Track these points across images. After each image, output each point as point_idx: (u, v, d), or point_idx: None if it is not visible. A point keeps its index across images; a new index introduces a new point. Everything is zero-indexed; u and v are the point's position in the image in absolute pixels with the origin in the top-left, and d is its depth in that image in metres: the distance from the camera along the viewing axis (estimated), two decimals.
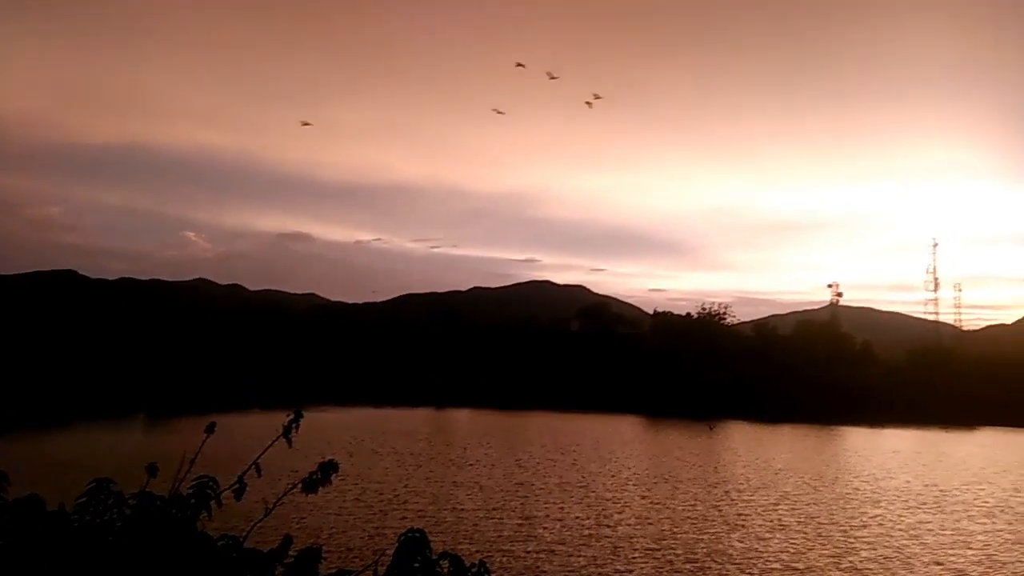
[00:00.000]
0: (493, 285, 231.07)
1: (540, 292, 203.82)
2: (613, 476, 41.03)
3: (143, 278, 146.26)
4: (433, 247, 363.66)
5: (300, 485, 4.40)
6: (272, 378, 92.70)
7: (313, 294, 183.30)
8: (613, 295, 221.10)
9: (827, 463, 50.29)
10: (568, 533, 27.33)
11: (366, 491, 34.44)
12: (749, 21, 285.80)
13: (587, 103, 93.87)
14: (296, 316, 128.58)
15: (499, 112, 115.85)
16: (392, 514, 29.50)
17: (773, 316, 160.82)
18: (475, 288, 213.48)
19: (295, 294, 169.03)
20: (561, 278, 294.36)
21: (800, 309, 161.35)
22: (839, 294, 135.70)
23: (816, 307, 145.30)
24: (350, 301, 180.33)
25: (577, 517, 30.05)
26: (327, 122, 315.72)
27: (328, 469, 4.41)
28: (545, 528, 28.04)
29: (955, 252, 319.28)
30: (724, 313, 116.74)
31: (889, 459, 52.95)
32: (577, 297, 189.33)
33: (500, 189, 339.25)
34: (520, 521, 29.03)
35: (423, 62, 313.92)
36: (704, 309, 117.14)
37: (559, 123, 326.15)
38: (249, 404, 73.55)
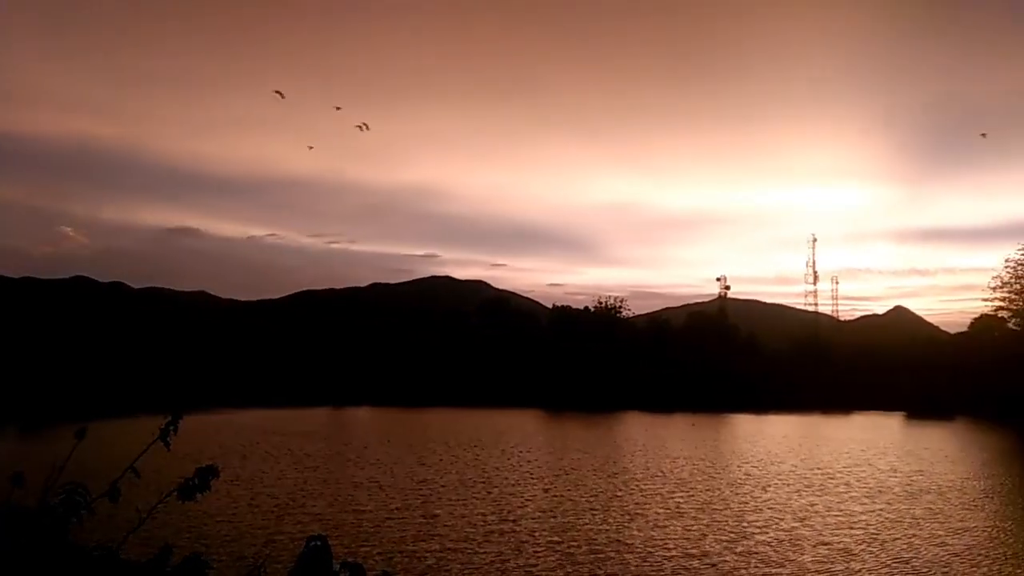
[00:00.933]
0: (393, 281, 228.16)
1: (441, 287, 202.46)
2: (515, 470, 41.12)
3: (14, 276, 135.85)
4: (331, 243, 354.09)
5: (176, 493, 4.02)
6: (158, 380, 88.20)
7: (203, 292, 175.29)
8: (513, 290, 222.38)
9: (719, 450, 52.27)
10: (471, 530, 27.09)
11: (259, 495, 33.13)
12: (646, 24, 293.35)
13: (359, 127, 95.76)
14: (184, 315, 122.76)
15: (279, 94, 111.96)
16: (288, 519, 28.42)
17: (667, 309, 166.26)
18: (375, 284, 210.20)
19: (183, 292, 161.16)
20: (462, 273, 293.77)
21: (692, 302, 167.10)
22: (727, 287, 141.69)
23: (706, 300, 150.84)
24: (243, 299, 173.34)
25: (480, 513, 29.87)
26: (216, 112, 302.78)
27: (207, 474, 4.06)
28: (448, 526, 27.69)
29: (832, 247, 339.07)
30: (620, 307, 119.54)
31: (776, 444, 55.54)
32: (478, 292, 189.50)
33: (399, 183, 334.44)
34: (423, 520, 28.57)
35: (315, 52, 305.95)
36: (601, 303, 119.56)
37: (458, 117, 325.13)
38: (133, 409, 69.66)
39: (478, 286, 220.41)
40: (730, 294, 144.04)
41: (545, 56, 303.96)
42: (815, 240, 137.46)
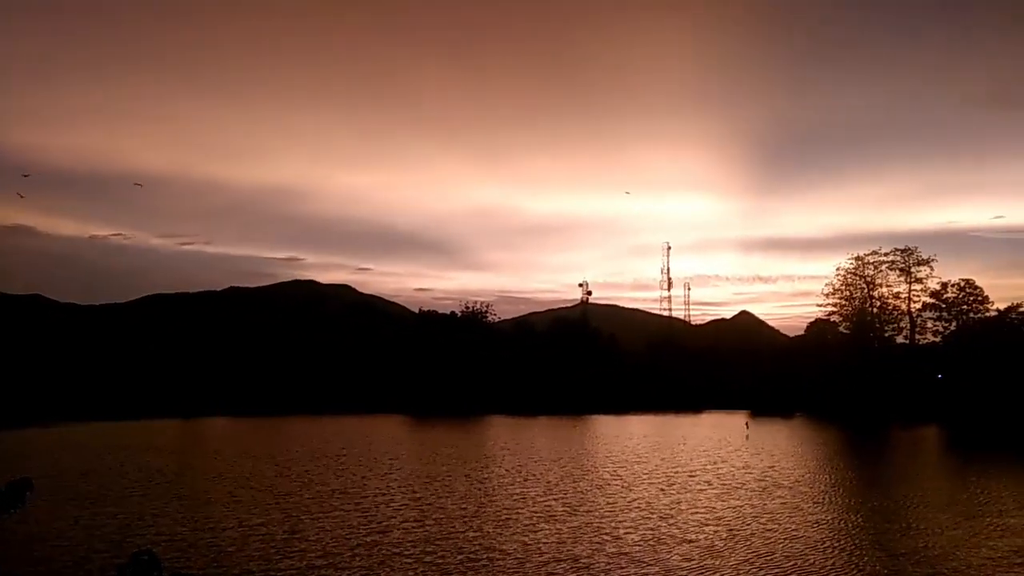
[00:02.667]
0: (252, 285, 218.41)
1: (304, 292, 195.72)
2: (382, 479, 39.94)
3: None
4: (183, 244, 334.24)
5: None
6: None
7: (38, 296, 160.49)
8: (379, 294, 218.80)
9: (584, 451, 53.15)
10: (337, 544, 25.85)
11: (99, 515, 30.32)
12: (515, 33, 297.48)
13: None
14: (16, 321, 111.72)
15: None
16: (135, 539, 26.00)
17: (532, 314, 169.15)
18: (232, 288, 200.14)
19: (14, 296, 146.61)
20: (326, 277, 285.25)
21: (556, 307, 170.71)
22: (589, 293, 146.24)
23: (570, 305, 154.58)
24: (84, 303, 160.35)
25: (347, 526, 28.61)
26: (54, 102, 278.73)
27: (18, 488, 3.30)
28: (313, 541, 26.30)
29: (685, 255, 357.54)
30: (486, 311, 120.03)
31: (638, 444, 57.22)
32: (342, 296, 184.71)
33: (259, 183, 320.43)
34: (286, 536, 27.00)
35: (174, 40, 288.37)
36: (467, 308, 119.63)
37: (324, 117, 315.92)
38: None
39: (343, 290, 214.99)
40: (591, 299, 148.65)
41: (414, 60, 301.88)
42: (669, 248, 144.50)
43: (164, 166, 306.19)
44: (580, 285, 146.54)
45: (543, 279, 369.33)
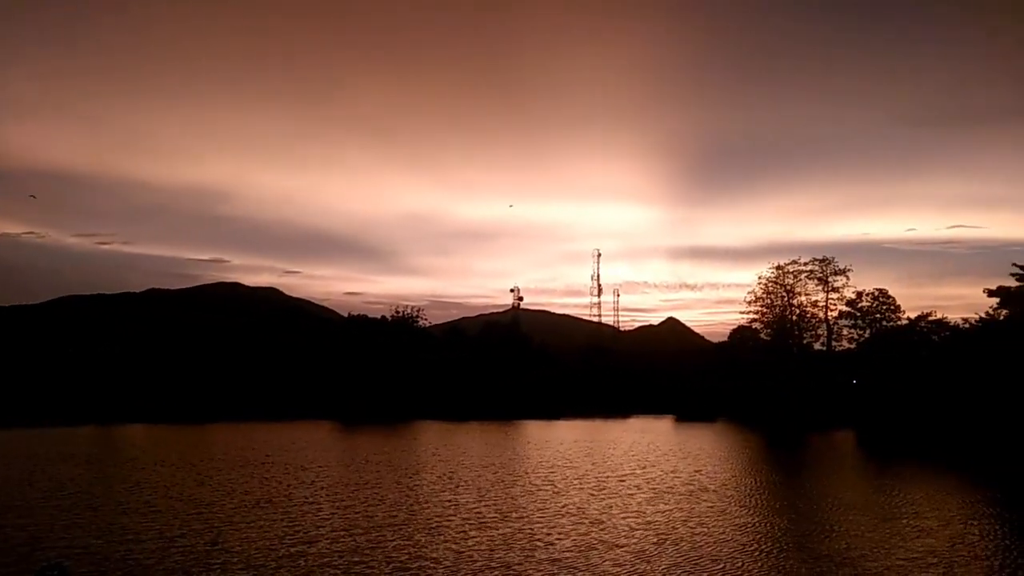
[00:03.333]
0: (174, 287, 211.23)
1: (228, 294, 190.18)
2: (309, 487, 38.94)
3: None
4: (101, 243, 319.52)
5: None
6: None
7: None
8: (308, 298, 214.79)
9: (515, 457, 53.06)
10: (261, 555, 25.00)
11: (4, 527, 28.61)
12: (450, 37, 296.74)
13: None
14: None
15: None
16: (43, 552, 24.57)
17: (463, 319, 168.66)
18: (152, 289, 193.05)
19: None
20: (252, 280, 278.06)
21: (487, 312, 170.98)
22: (520, 298, 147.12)
23: (501, 310, 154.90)
24: None
25: (272, 536, 27.72)
26: None
27: None
28: (235, 552, 25.37)
29: (615, 262, 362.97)
30: (417, 316, 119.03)
31: (569, 449, 57.51)
32: (269, 300, 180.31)
33: (183, 182, 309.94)
34: (206, 547, 25.97)
35: (92, 37, 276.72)
36: (398, 312, 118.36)
37: (252, 115, 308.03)
38: None
39: (269, 294, 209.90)
40: (523, 305, 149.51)
41: (347, 62, 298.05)
42: (599, 255, 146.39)
43: (82, 163, 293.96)
44: (512, 291, 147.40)
45: (475, 284, 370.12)
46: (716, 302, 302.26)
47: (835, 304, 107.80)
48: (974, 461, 54.72)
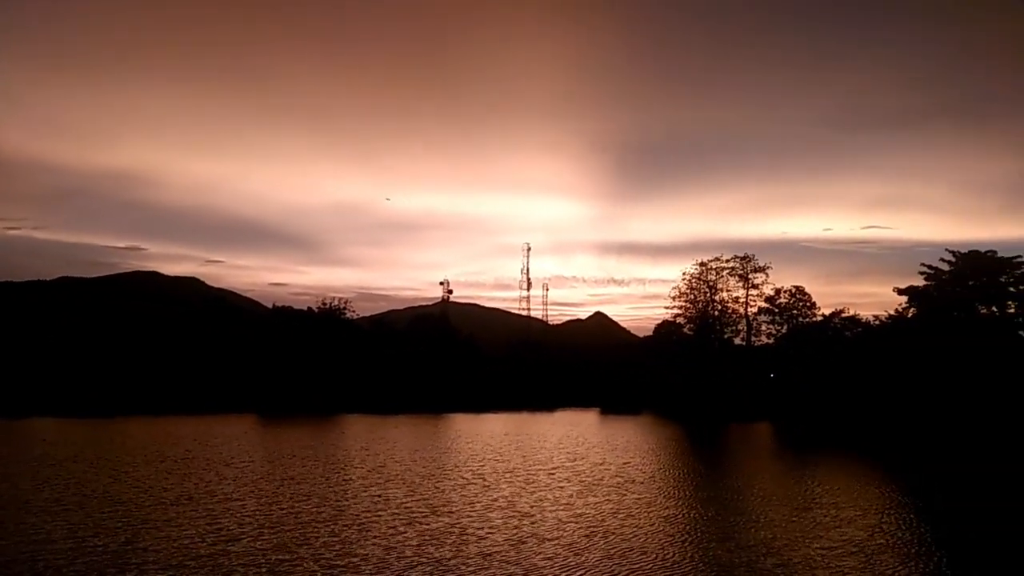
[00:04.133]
0: (88, 275, 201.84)
1: (146, 284, 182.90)
2: (232, 482, 37.70)
3: None
4: (9, 228, 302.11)
5: None
6: None
7: None
8: (231, 288, 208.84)
9: (446, 450, 52.70)
10: (180, 555, 23.99)
11: None
12: (385, 27, 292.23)
13: None
14: None
15: None
16: None
17: (392, 311, 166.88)
18: (64, 278, 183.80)
19: None
20: (171, 269, 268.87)
21: (416, 305, 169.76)
22: (450, 291, 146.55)
23: (430, 303, 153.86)
24: None
25: (193, 535, 26.68)
26: None
27: None
28: (152, 552, 24.26)
29: (545, 256, 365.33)
30: (345, 308, 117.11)
31: (498, 443, 57.46)
32: (190, 290, 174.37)
33: (98, 166, 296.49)
34: (120, 548, 24.76)
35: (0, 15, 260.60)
36: (325, 304, 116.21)
37: (173, 97, 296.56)
38: None
39: (191, 283, 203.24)
40: (452, 298, 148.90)
41: (281, 47, 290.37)
42: (529, 249, 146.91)
43: None
44: (441, 283, 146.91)
45: (404, 276, 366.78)
46: (643, 297, 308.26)
47: (755, 300, 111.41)
48: (885, 452, 57.23)
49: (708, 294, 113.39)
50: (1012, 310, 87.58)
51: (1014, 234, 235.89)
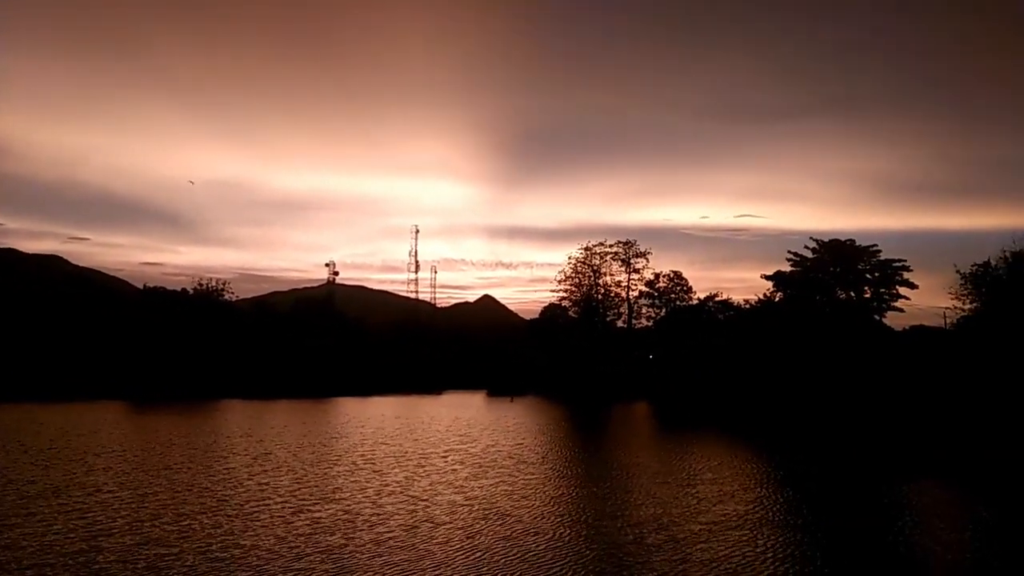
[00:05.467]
0: None
1: (3, 262, 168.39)
2: (103, 473, 35.40)
3: None
4: None
5: None
6: None
7: None
8: (98, 267, 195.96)
9: (334, 435, 51.54)
10: (44, 553, 22.21)
11: None
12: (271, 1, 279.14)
13: None
14: None
15: None
16: None
17: (275, 293, 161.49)
18: None
19: None
20: (31, 247, 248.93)
21: (301, 287, 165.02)
22: (336, 273, 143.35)
23: (315, 285, 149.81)
24: None
25: (60, 530, 24.82)
26: None
27: None
28: (12, 550, 22.40)
29: (433, 239, 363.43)
30: (223, 289, 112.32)
31: (389, 426, 56.75)
32: (52, 268, 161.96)
33: None
34: None
35: None
36: (201, 285, 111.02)
37: (33, 63, 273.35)
38: None
39: (52, 261, 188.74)
40: (339, 280, 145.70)
41: (152, 12, 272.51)
42: (418, 231, 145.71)
43: None
44: (327, 265, 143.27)
45: (288, 257, 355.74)
46: (530, 280, 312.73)
47: (636, 284, 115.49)
48: (756, 428, 60.63)
49: (592, 278, 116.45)
50: (867, 295, 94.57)
51: (872, 224, 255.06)
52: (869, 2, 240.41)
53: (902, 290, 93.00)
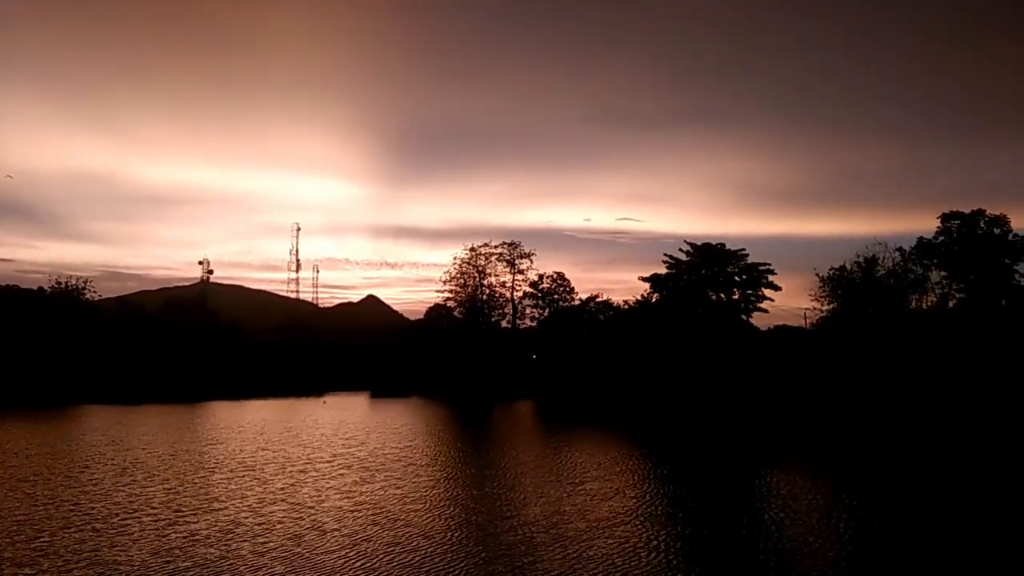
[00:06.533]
0: None
1: None
2: None
3: None
4: None
5: None
6: None
7: None
8: None
9: (210, 441, 49.11)
10: None
11: None
12: None
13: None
14: None
15: None
16: None
17: (142, 292, 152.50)
18: None
19: None
20: None
21: (171, 285, 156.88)
22: (210, 271, 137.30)
23: (188, 284, 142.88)
24: None
25: None
26: None
27: None
28: None
29: (316, 237, 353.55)
30: (85, 288, 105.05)
31: (270, 430, 54.46)
32: None
33: None
34: None
35: None
36: (59, 283, 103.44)
37: None
38: None
39: None
40: (214, 278, 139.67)
41: None
42: (299, 229, 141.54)
43: None
44: (200, 263, 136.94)
45: (157, 254, 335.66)
46: (416, 281, 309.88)
47: (520, 285, 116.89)
48: (637, 425, 62.65)
49: (477, 278, 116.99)
50: (736, 296, 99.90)
51: (741, 229, 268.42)
52: (742, 21, 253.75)
53: (767, 292, 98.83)
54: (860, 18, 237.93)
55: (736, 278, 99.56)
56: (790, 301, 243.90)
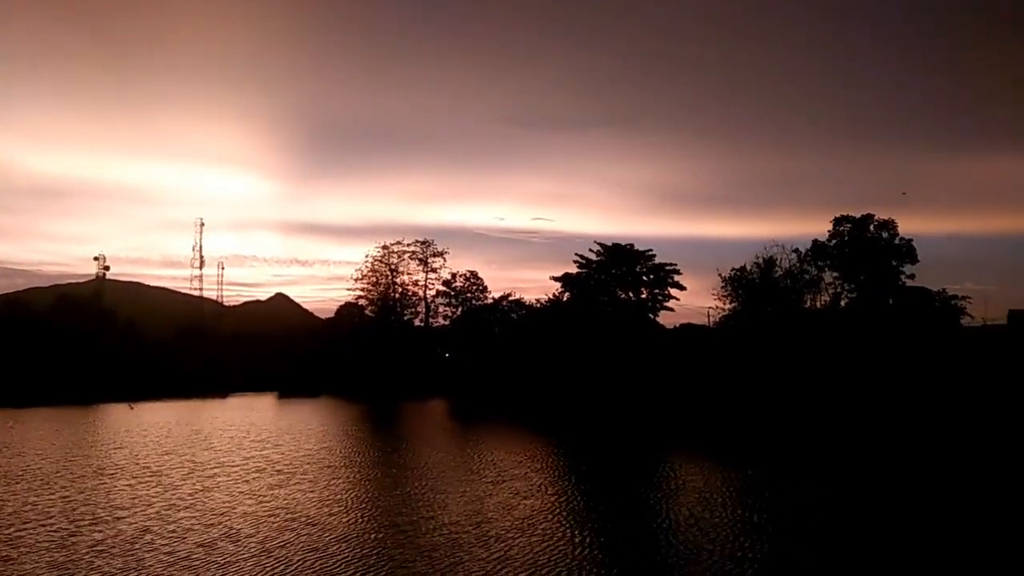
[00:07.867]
0: None
1: None
2: None
3: None
4: None
5: None
6: None
7: None
8: None
9: (110, 445, 46.61)
10: None
11: None
12: None
13: None
14: None
15: None
16: None
17: (32, 289, 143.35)
18: None
19: None
20: None
21: (64, 283, 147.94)
22: (106, 268, 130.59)
23: (81, 281, 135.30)
24: None
25: None
26: None
27: None
28: None
29: (221, 233, 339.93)
30: None
31: (175, 433, 52.25)
32: None
33: None
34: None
35: None
36: None
37: None
38: None
39: None
40: (111, 275, 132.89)
41: None
42: (202, 224, 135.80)
43: None
44: (96, 259, 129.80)
45: (46, 250, 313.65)
46: (327, 278, 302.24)
47: (433, 283, 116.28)
48: (551, 422, 63.36)
49: (390, 277, 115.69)
50: (644, 295, 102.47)
51: (649, 230, 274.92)
52: (653, 30, 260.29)
53: (673, 291, 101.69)
54: (762, 29, 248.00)
55: (644, 278, 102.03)
56: (695, 300, 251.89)
